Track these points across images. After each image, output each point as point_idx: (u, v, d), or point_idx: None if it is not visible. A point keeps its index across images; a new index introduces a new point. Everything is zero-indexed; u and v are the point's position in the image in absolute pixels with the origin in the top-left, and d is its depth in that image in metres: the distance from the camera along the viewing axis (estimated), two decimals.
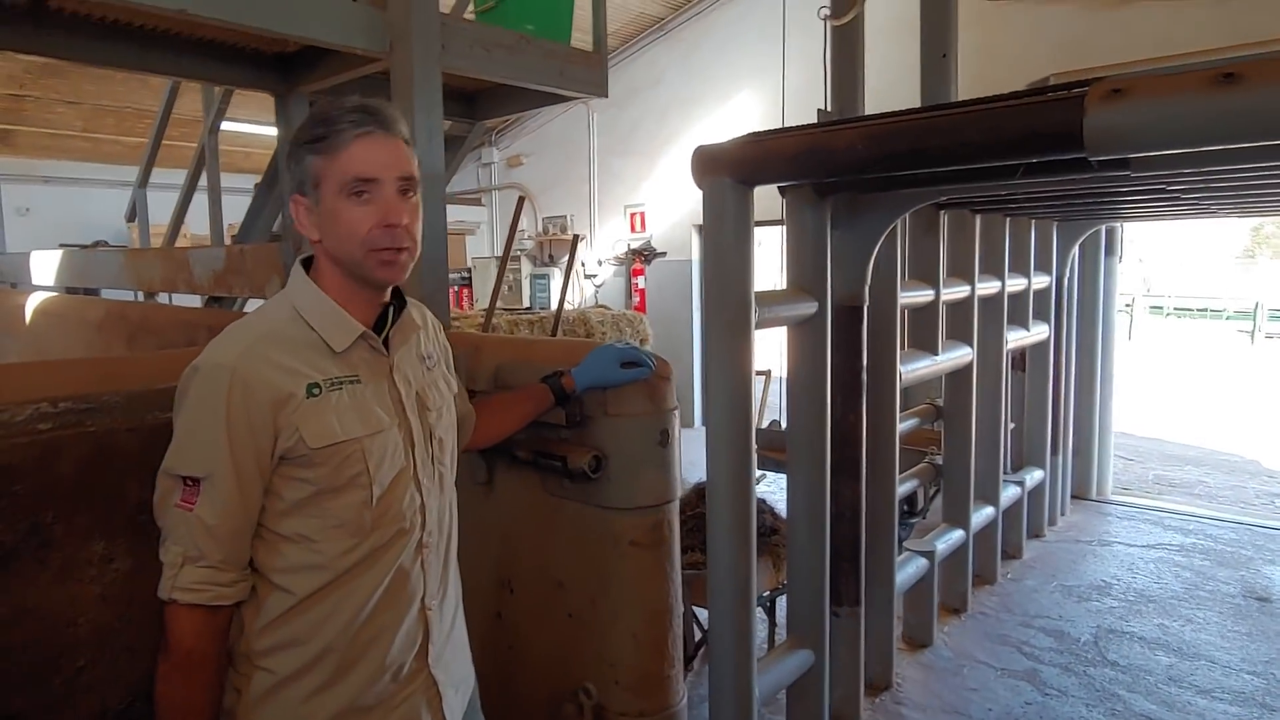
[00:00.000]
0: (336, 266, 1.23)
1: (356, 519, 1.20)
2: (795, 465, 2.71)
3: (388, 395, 1.27)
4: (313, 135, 1.18)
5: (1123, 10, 5.84)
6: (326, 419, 1.17)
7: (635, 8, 8.28)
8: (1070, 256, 5.11)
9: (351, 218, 1.18)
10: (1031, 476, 4.74)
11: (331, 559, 1.19)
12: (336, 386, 1.19)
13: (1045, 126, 1.73)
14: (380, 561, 1.23)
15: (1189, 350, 16.50)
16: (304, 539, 1.19)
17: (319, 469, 1.17)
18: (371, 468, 1.20)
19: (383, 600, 1.24)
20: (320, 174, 1.18)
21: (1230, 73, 1.51)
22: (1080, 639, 3.64)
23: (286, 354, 1.17)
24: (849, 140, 2.03)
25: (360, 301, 1.25)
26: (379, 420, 1.23)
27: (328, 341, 1.20)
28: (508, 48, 2.77)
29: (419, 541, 1.29)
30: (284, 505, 1.18)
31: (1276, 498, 5.97)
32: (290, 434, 1.14)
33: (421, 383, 1.34)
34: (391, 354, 1.29)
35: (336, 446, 1.17)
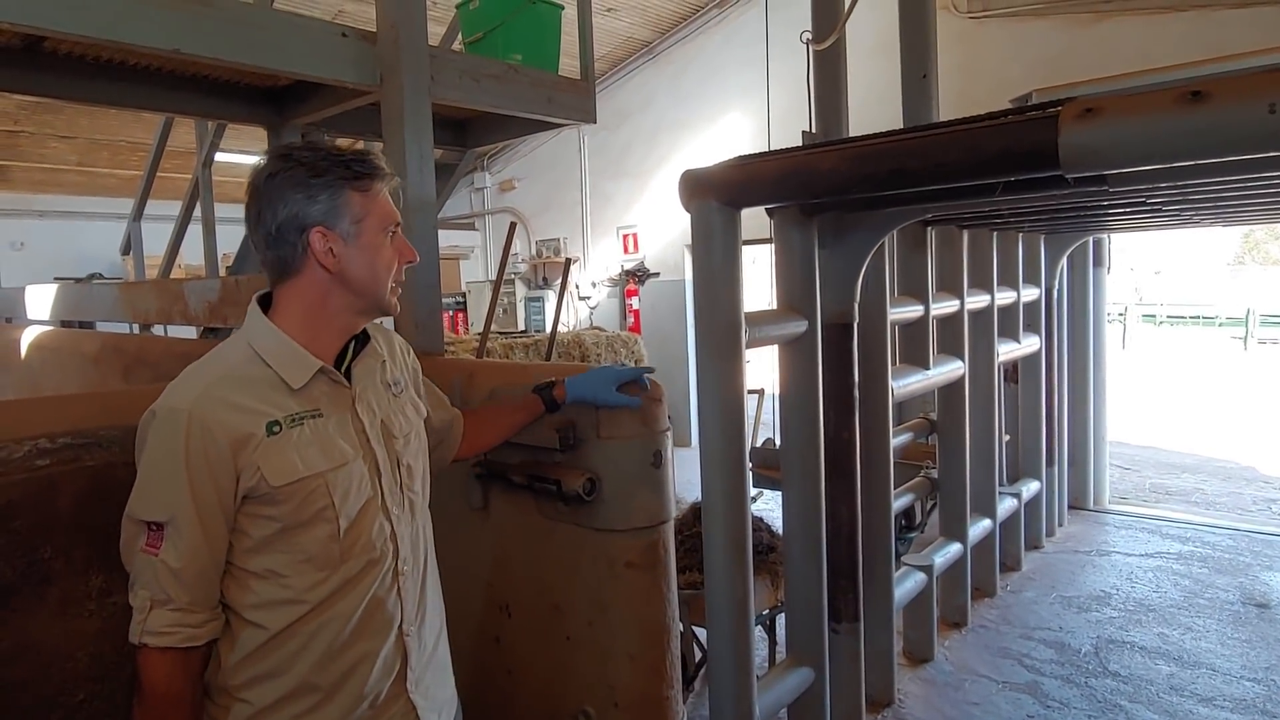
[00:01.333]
0: (340, 300, 1.26)
1: (325, 552, 1.22)
2: (790, 483, 2.73)
3: (351, 427, 1.28)
4: (354, 173, 1.23)
5: (1100, 26, 5.95)
6: (288, 456, 1.18)
7: (623, 32, 8.39)
8: (1058, 268, 5.16)
9: (388, 255, 1.28)
10: (1028, 488, 4.75)
11: (302, 592, 1.20)
12: (297, 422, 1.21)
13: (1021, 146, 1.77)
14: (353, 592, 1.24)
15: (1182, 358, 16.56)
16: (273, 574, 1.20)
17: (283, 506, 1.18)
18: (336, 501, 1.22)
19: (358, 629, 1.25)
20: (363, 211, 1.24)
21: (1198, 90, 1.55)
22: (1081, 650, 3.64)
23: (244, 394, 1.19)
24: (832, 162, 2.07)
25: (330, 336, 1.28)
26: (342, 453, 1.24)
27: (285, 379, 1.22)
28: (496, 77, 2.82)
29: (393, 569, 1.30)
30: (251, 543, 1.19)
31: (1273, 503, 5.98)
32: (251, 473, 1.16)
33: (387, 411, 1.35)
34: (354, 385, 1.31)
35: (300, 483, 1.19)
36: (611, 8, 7.80)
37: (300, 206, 1.21)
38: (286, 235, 1.22)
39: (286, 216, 1.21)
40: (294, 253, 1.23)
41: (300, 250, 1.23)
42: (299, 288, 1.25)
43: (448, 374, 2.14)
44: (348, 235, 1.23)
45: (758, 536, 3.13)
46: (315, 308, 1.26)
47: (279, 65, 2.32)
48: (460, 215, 10.55)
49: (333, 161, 1.22)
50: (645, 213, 8.64)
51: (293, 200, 1.21)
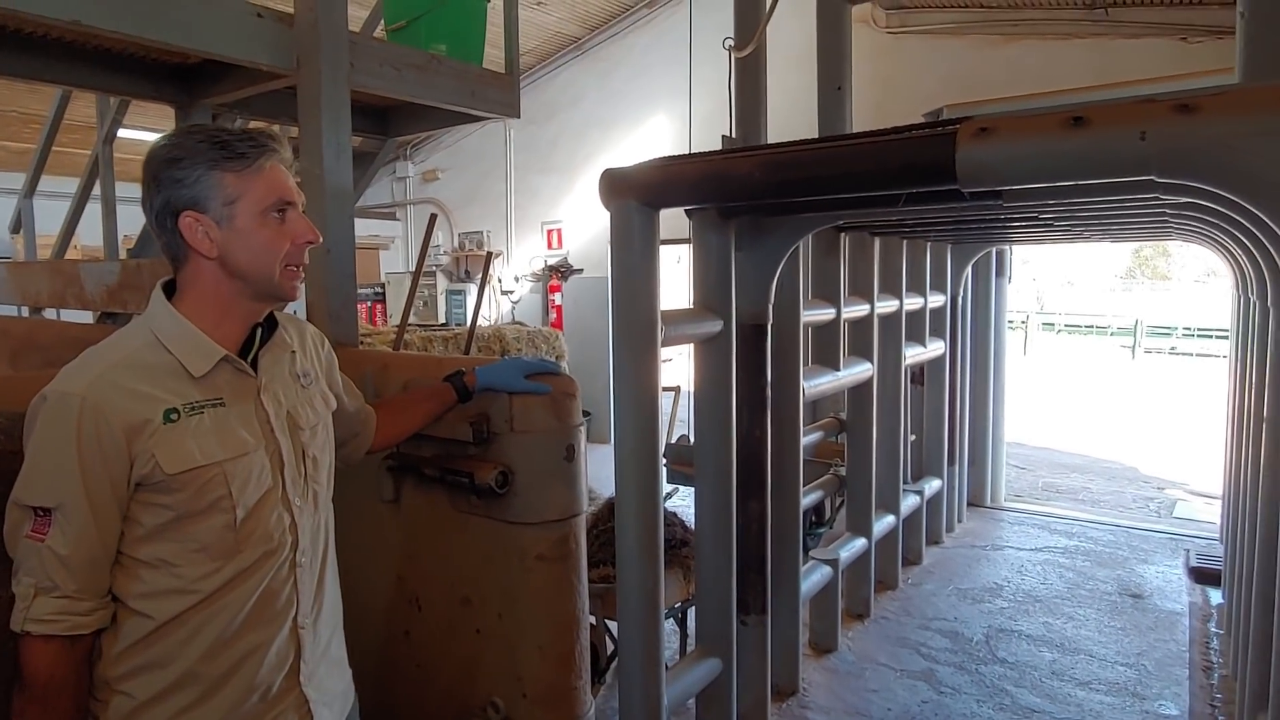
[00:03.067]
0: (228, 286, 1.23)
1: (219, 542, 1.19)
2: (703, 479, 2.80)
3: (254, 417, 1.26)
4: (224, 154, 1.18)
5: (1009, 48, 6.26)
6: (185, 444, 1.16)
7: (553, 26, 8.36)
8: (964, 277, 5.42)
9: (272, 237, 1.22)
10: (930, 486, 4.98)
11: (193, 582, 1.18)
12: (197, 411, 1.18)
13: (922, 160, 1.86)
14: (247, 583, 1.22)
15: (1077, 365, 17.56)
16: (164, 564, 1.17)
17: (178, 494, 1.16)
18: (234, 490, 1.20)
19: (249, 621, 1.23)
20: (237, 192, 1.19)
21: (1079, 117, 1.67)
22: (973, 639, 3.84)
23: (142, 380, 1.16)
24: (747, 168, 2.14)
25: (233, 323, 1.25)
26: (242, 443, 1.22)
27: (186, 366, 1.19)
28: (418, 67, 2.79)
29: (290, 561, 1.28)
30: (143, 531, 1.17)
31: (1151, 501, 6.43)
32: (146, 461, 1.14)
33: (294, 402, 1.33)
34: (260, 375, 1.28)
35: (195, 471, 1.16)
36: (541, 1, 7.76)
37: (172, 190, 1.18)
38: (163, 222, 1.20)
39: (162, 202, 1.19)
40: (173, 239, 1.21)
41: (178, 236, 1.20)
42: (190, 274, 1.23)
43: (361, 366, 2.12)
44: (221, 219, 1.19)
45: (671, 531, 3.19)
46: (210, 294, 1.23)
47: (186, 43, 2.24)
48: (381, 204, 10.31)
49: (207, 142, 1.19)
50: (571, 209, 8.63)
51: (166, 184, 1.18)
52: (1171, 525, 5.70)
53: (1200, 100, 1.53)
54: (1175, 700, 3.31)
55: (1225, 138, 1.48)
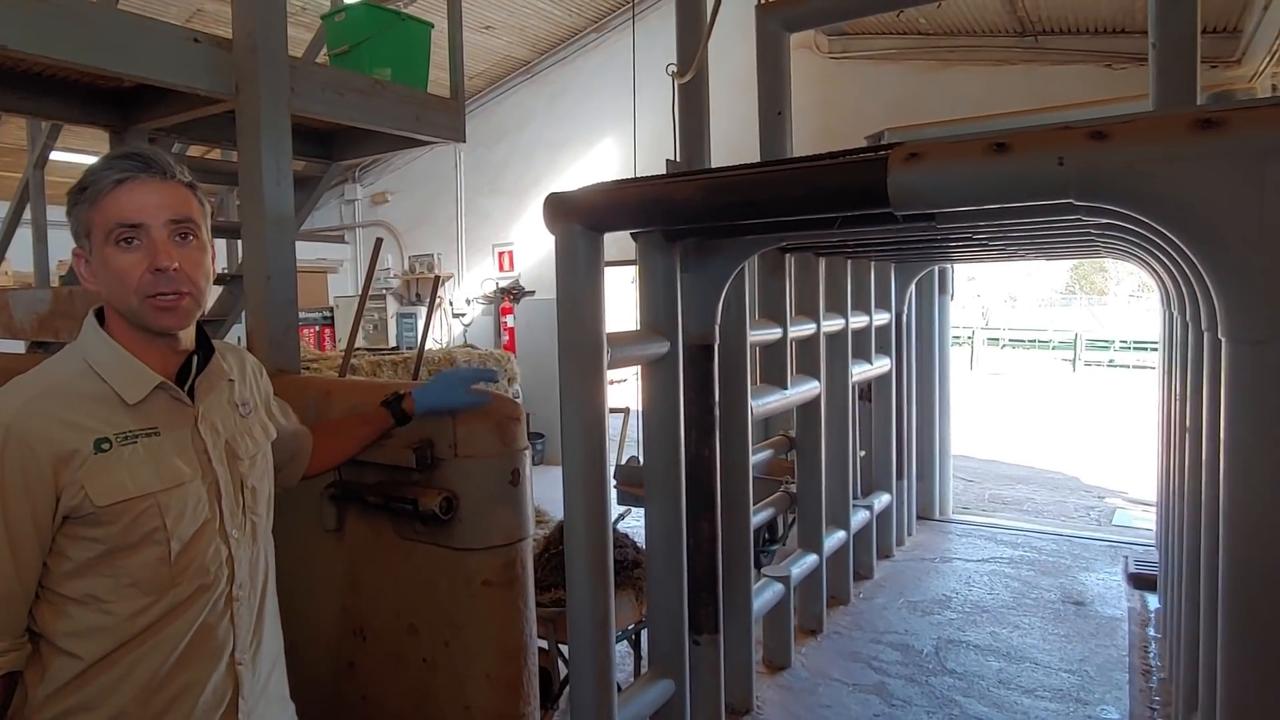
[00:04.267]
0: (121, 317, 1.21)
1: (152, 577, 1.15)
2: (652, 499, 2.81)
3: (191, 446, 1.23)
4: (79, 186, 1.17)
5: (946, 73, 6.48)
6: (116, 475, 1.12)
7: (501, 50, 8.40)
8: (908, 295, 5.55)
9: (121, 265, 1.16)
10: (880, 500, 5.06)
11: (125, 619, 1.14)
12: (130, 440, 1.15)
13: (856, 184, 1.92)
14: (182, 618, 1.18)
15: (1021, 378, 18.04)
16: (94, 600, 1.13)
17: (108, 527, 1.12)
18: (169, 523, 1.16)
19: (183, 658, 1.18)
20: (89, 224, 1.17)
21: (1002, 142, 1.74)
22: (923, 651, 3.90)
23: (72, 409, 1.13)
24: (689, 192, 2.17)
25: (158, 350, 1.22)
26: (178, 473, 1.19)
27: (120, 394, 1.16)
28: (361, 92, 2.78)
29: (227, 595, 1.24)
30: (71, 565, 1.12)
31: (1091, 510, 6.62)
32: (75, 492, 1.10)
33: (233, 431, 1.30)
34: (197, 403, 1.25)
35: (128, 503, 1.13)
36: (489, 25, 7.80)
37: (71, 227, 1.21)
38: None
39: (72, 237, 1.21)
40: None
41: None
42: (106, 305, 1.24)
43: (303, 392, 2.09)
44: (87, 252, 1.19)
45: (622, 553, 3.19)
46: (121, 324, 1.22)
47: (120, 68, 2.21)
48: (329, 227, 10.19)
49: (89, 173, 1.18)
50: (522, 231, 8.63)
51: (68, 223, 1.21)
52: (1111, 533, 5.88)
53: (1112, 127, 1.61)
54: (1116, 704, 3.39)
55: (1135, 163, 1.56)
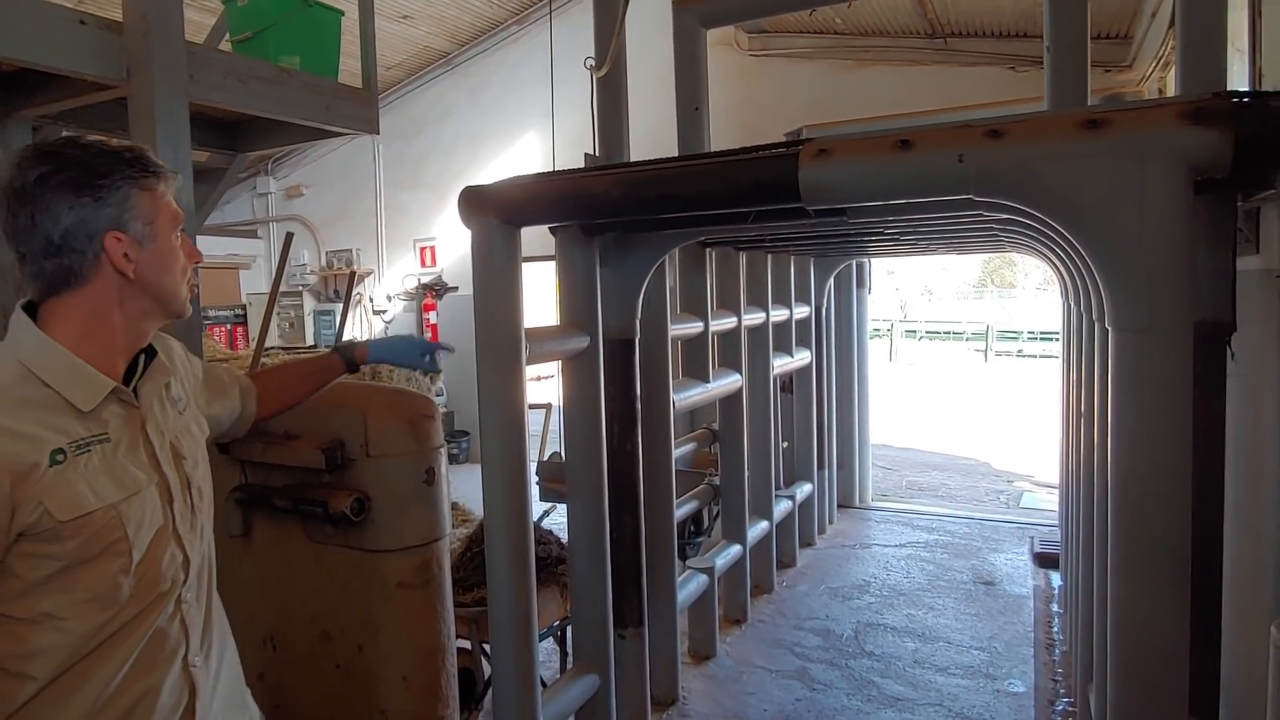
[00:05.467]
0: (135, 307, 1.17)
1: (111, 590, 1.10)
2: (575, 495, 2.80)
3: (142, 450, 1.18)
4: (140, 171, 1.16)
5: (862, 72, 6.64)
6: (76, 487, 1.07)
7: (420, 41, 8.21)
8: (827, 288, 5.68)
9: (178, 254, 1.22)
10: (801, 490, 5.17)
11: (83, 637, 1.09)
12: (84, 449, 1.10)
13: (769, 179, 1.95)
14: (138, 629, 1.14)
15: (937, 369, 18.71)
16: (48, 618, 1.07)
17: (68, 542, 1.06)
18: (130, 533, 1.11)
19: (137, 666, 1.14)
20: (153, 212, 1.17)
21: (907, 140, 1.79)
22: (843, 635, 4.01)
23: (20, 418, 1.06)
24: (605, 186, 2.17)
25: (118, 349, 1.18)
26: (135, 480, 1.14)
27: (71, 400, 1.10)
28: (266, 80, 2.67)
29: (177, 598, 1.20)
30: (21, 586, 1.06)
31: (1001, 494, 6.92)
32: (32, 508, 1.04)
33: (175, 430, 1.26)
34: (142, 404, 1.21)
35: (89, 516, 1.07)
36: (407, 15, 7.62)
37: (88, 211, 1.11)
38: (73, 242, 1.12)
39: (73, 222, 1.11)
40: (83, 260, 1.13)
41: (90, 258, 1.13)
42: (84, 298, 1.14)
43: None
44: (142, 238, 1.16)
45: (547, 549, 3.17)
46: (103, 318, 1.15)
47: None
48: (241, 221, 9.79)
49: (114, 160, 1.14)
50: (444, 226, 8.47)
51: (78, 204, 1.11)
52: (1019, 515, 6.16)
53: (1008, 126, 1.67)
54: (1022, 678, 3.56)
55: (1028, 160, 1.62)
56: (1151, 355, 1.56)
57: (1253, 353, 2.17)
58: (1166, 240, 1.52)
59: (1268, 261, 2.18)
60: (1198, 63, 2.07)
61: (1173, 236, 1.52)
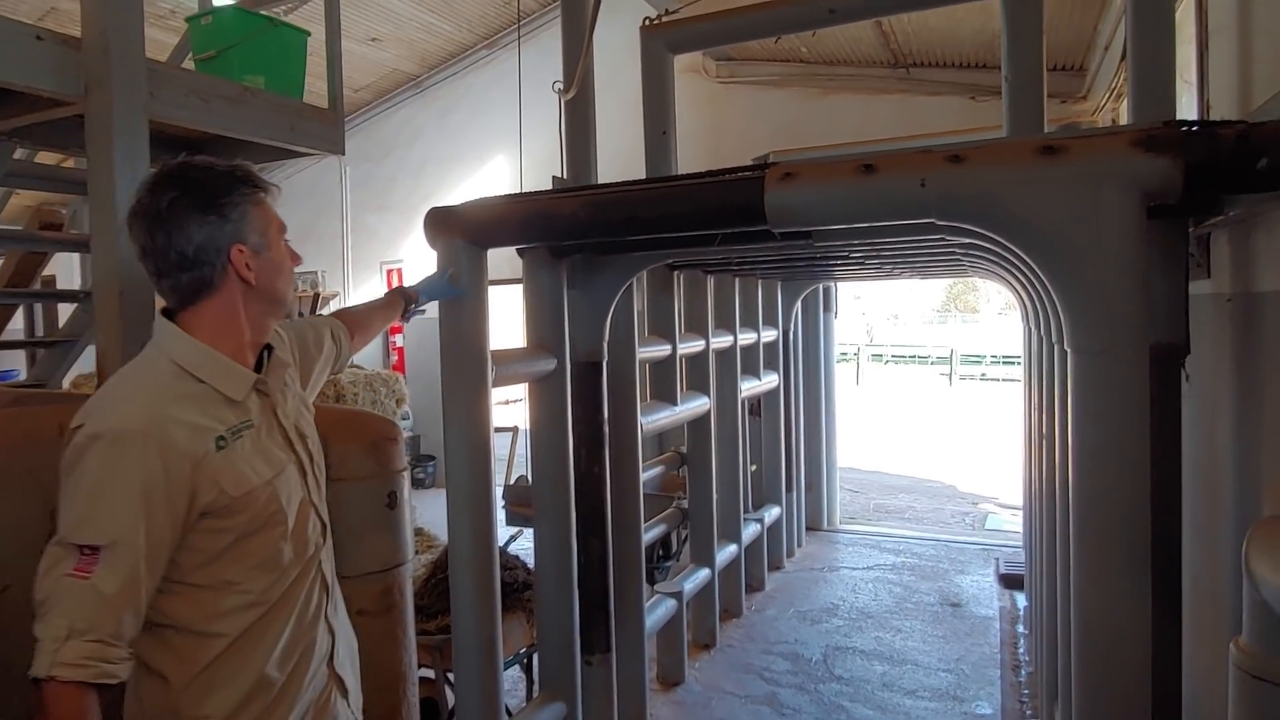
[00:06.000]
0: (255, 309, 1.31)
1: (275, 555, 1.27)
2: (542, 519, 2.76)
3: (278, 433, 1.34)
4: (254, 187, 1.29)
5: (827, 100, 6.76)
6: (240, 467, 1.23)
7: (389, 64, 8.21)
8: (794, 312, 5.73)
9: (286, 259, 1.36)
10: (770, 513, 5.17)
11: (261, 594, 1.25)
12: (238, 435, 1.25)
13: (735, 202, 1.96)
14: (300, 588, 1.32)
15: (903, 392, 18.93)
16: (227, 584, 1.23)
17: (239, 515, 1.22)
18: (284, 504, 1.29)
19: (300, 622, 1.31)
20: (267, 221, 1.31)
21: (870, 164, 1.82)
22: (812, 659, 4.00)
23: (189, 410, 1.21)
24: (572, 208, 2.17)
25: (249, 346, 1.32)
26: (278, 459, 1.31)
27: (224, 392, 1.25)
28: (229, 99, 2.64)
29: (318, 561, 1.38)
30: (203, 558, 1.21)
31: (966, 516, 6.99)
32: (210, 488, 1.18)
33: (295, 413, 1.41)
34: (272, 393, 1.35)
35: (254, 491, 1.24)
36: (376, 38, 7.62)
37: (215, 228, 1.24)
38: (204, 256, 1.24)
39: (204, 238, 1.23)
40: (213, 272, 1.26)
41: (219, 269, 1.26)
42: (216, 305, 1.28)
43: None
44: (259, 247, 1.29)
45: (512, 575, 3.12)
46: (233, 321, 1.29)
47: None
48: None
49: (230, 179, 1.27)
50: (412, 248, 8.42)
51: (206, 223, 1.24)
52: (984, 537, 6.22)
53: (968, 152, 1.70)
54: (989, 700, 3.57)
55: (988, 185, 1.66)
56: (1109, 376, 1.58)
57: (1206, 375, 2.22)
58: (1121, 264, 1.55)
59: (1219, 286, 2.24)
60: (1148, 94, 2.13)
61: (1127, 260, 1.55)
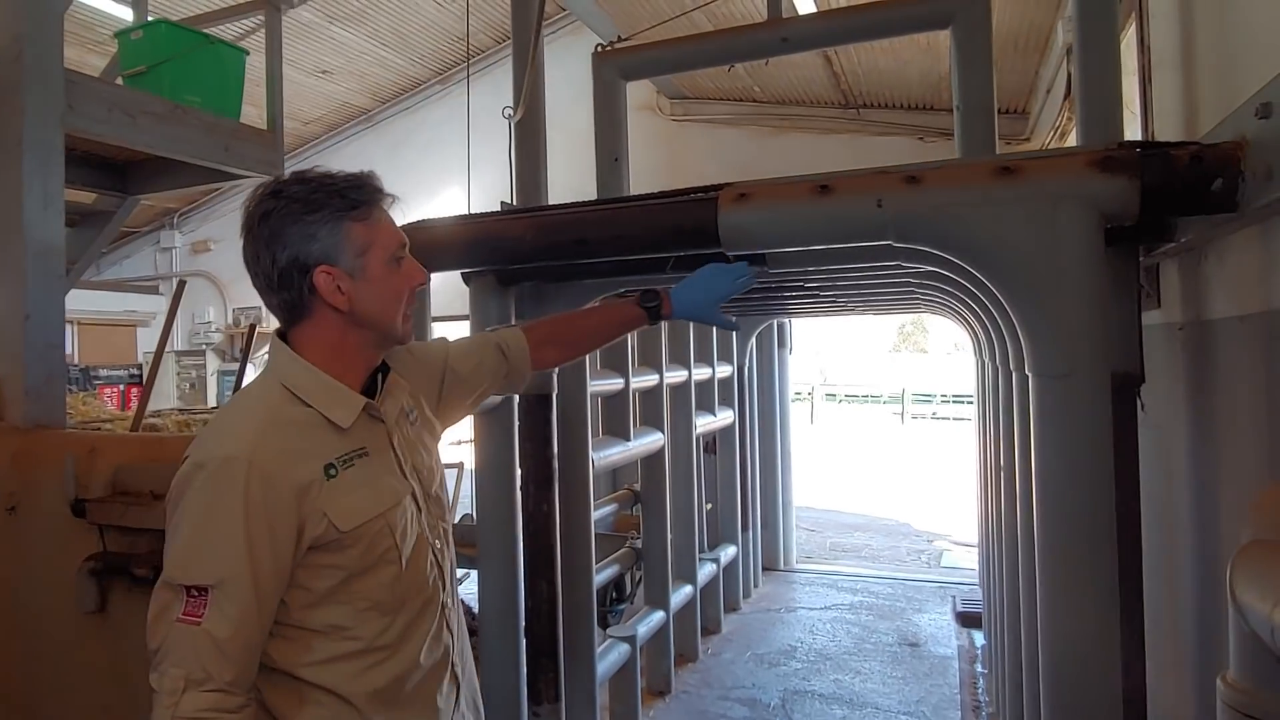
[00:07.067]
0: (355, 336, 1.20)
1: (388, 597, 1.17)
2: (487, 560, 2.62)
3: (394, 463, 1.23)
4: (351, 202, 1.16)
5: (780, 138, 6.86)
6: (349, 499, 1.13)
7: (340, 97, 8.11)
8: (749, 348, 5.69)
9: (398, 283, 1.22)
10: (726, 553, 5.05)
11: (369, 642, 1.15)
12: (349, 464, 1.15)
13: (688, 223, 1.90)
14: (416, 633, 1.21)
15: (857, 431, 19.08)
16: (336, 629, 1.13)
17: (349, 551, 1.13)
18: (398, 540, 1.18)
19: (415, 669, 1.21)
20: (366, 242, 1.17)
21: (826, 185, 1.77)
22: (770, 704, 3.86)
23: (296, 438, 1.12)
24: (520, 229, 2.08)
25: (357, 371, 1.22)
26: (394, 491, 1.20)
27: (331, 419, 1.16)
28: (158, 115, 2.52)
29: (441, 603, 1.27)
30: (311, 598, 1.12)
31: (922, 553, 6.96)
32: (318, 521, 1.10)
33: (411, 443, 1.29)
34: (387, 420, 1.24)
35: (365, 525, 1.14)
36: (326, 70, 7.52)
37: (300, 246, 1.14)
38: (290, 278, 1.15)
39: (287, 259, 1.13)
40: (300, 295, 1.16)
41: (306, 292, 1.16)
42: (313, 330, 1.19)
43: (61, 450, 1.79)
44: (354, 270, 1.17)
45: None
46: (336, 347, 1.20)
47: None
48: (142, 277, 9.32)
49: (327, 192, 1.15)
50: None
51: (292, 240, 1.14)
52: (940, 574, 6.18)
53: (925, 173, 1.67)
54: None
55: (945, 206, 1.61)
56: (1072, 400, 1.53)
57: (1161, 405, 2.20)
58: (1081, 285, 1.51)
59: (1169, 315, 2.24)
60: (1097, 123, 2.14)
61: (1087, 281, 1.52)
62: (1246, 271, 1.66)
